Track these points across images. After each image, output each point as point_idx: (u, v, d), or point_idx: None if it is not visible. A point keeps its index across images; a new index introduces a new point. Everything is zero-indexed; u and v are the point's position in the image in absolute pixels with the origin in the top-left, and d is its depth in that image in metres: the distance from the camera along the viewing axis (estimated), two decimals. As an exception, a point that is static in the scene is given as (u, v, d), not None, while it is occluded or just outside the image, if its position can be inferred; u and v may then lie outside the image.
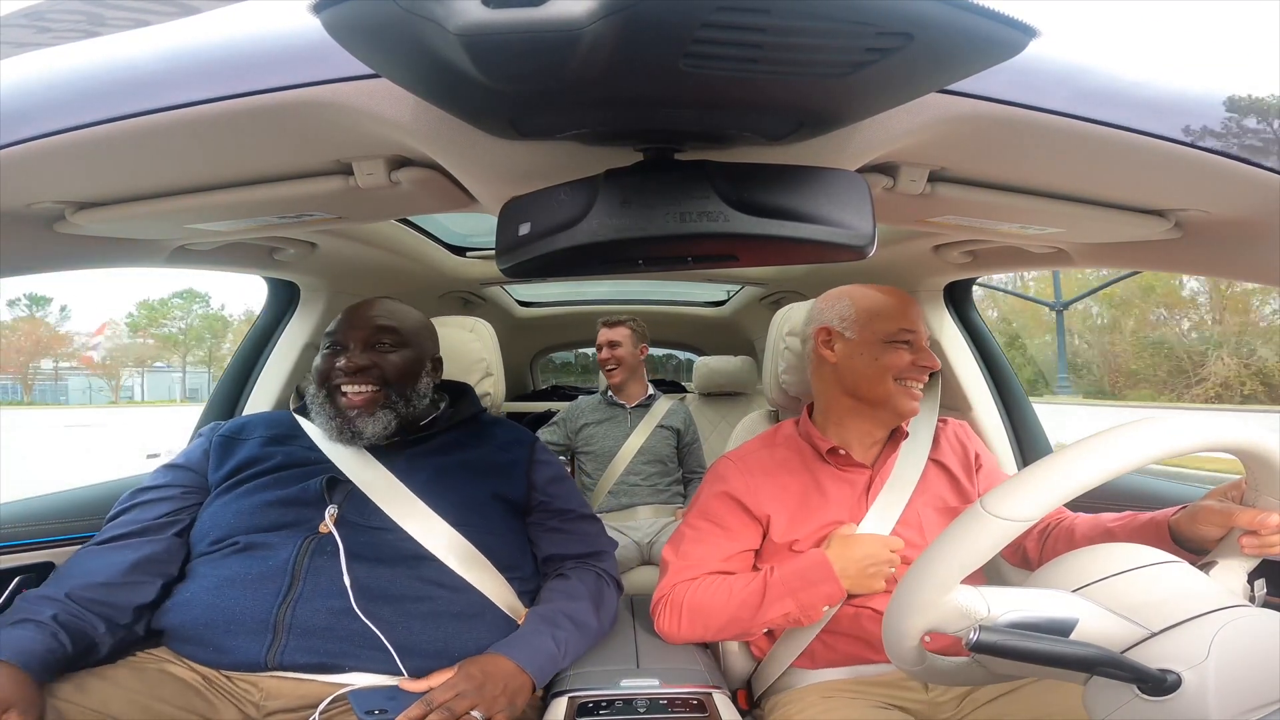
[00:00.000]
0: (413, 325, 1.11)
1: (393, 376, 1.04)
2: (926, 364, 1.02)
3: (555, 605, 0.98)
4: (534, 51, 0.41)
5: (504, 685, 0.83)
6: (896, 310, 1.04)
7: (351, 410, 1.01)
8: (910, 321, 1.03)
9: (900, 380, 1.02)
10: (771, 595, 0.94)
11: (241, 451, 1.05)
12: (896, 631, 0.62)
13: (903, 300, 1.06)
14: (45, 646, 0.79)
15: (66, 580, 0.89)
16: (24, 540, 1.09)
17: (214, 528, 0.96)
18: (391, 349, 1.05)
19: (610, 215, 0.59)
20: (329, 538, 0.93)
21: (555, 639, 0.92)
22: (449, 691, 0.80)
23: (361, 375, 1.02)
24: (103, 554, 0.93)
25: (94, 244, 1.01)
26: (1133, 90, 0.65)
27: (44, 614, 0.82)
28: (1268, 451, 0.62)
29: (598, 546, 1.11)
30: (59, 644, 0.80)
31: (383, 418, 1.02)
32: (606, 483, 2.11)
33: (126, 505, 1.00)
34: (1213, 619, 0.54)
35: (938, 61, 0.48)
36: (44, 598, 0.86)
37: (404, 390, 1.05)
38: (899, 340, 1.03)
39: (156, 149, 0.70)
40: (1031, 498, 0.57)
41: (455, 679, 0.83)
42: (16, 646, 0.76)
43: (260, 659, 0.85)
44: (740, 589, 0.97)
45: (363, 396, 1.02)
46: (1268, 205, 0.78)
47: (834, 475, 1.05)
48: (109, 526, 0.98)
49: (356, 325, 1.05)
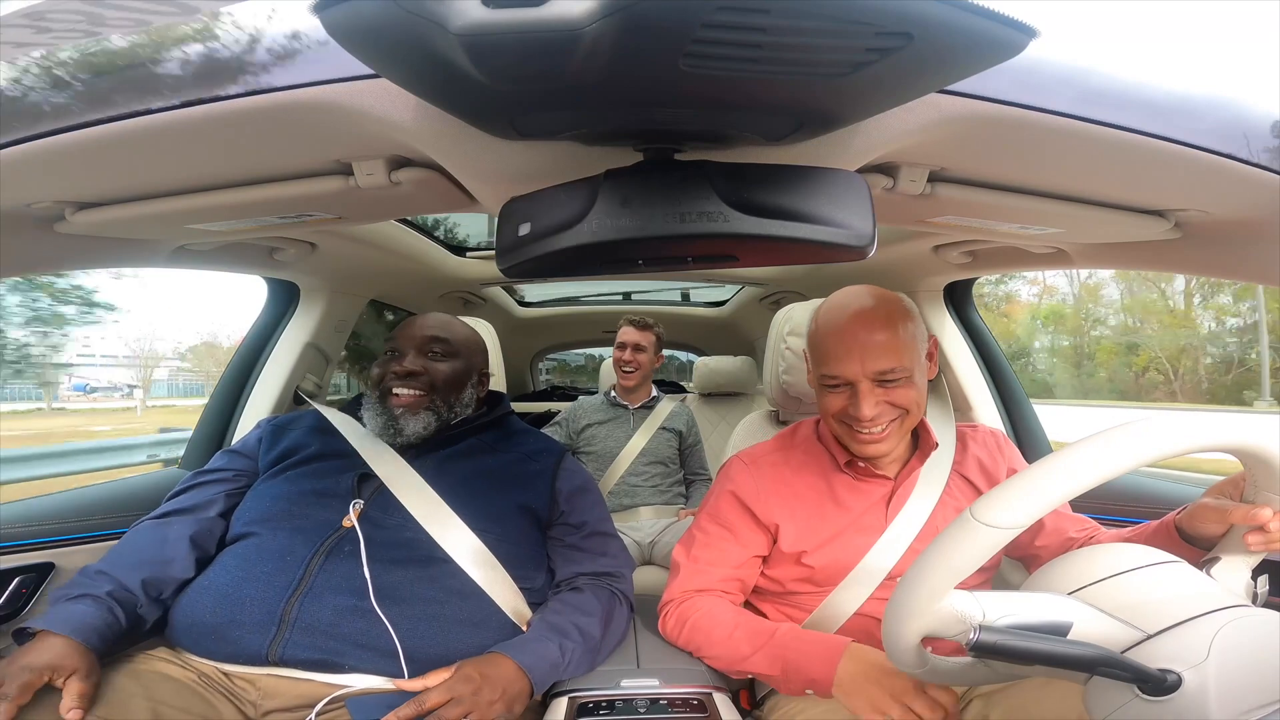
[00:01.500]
0: (463, 338, 1.18)
1: (440, 382, 1.11)
2: (856, 415, 0.90)
3: (566, 616, 0.97)
4: (534, 52, 0.41)
5: (502, 690, 0.83)
6: (828, 352, 0.93)
7: (398, 409, 1.08)
8: (842, 368, 0.91)
9: (843, 423, 0.95)
10: (767, 650, 0.89)
11: (287, 440, 1.12)
12: (895, 636, 0.62)
13: (848, 339, 0.91)
14: (103, 621, 0.84)
15: (119, 557, 0.94)
16: (24, 540, 1.09)
17: (249, 511, 1.02)
18: (442, 358, 1.13)
19: (610, 215, 0.59)
20: (350, 533, 0.95)
21: (562, 648, 0.92)
22: (443, 695, 0.80)
23: (412, 379, 1.09)
24: (153, 529, 0.99)
25: (94, 244, 1.01)
26: (1133, 90, 0.65)
27: (101, 589, 0.87)
28: (1265, 450, 0.62)
29: (615, 567, 1.10)
30: (114, 618, 0.85)
31: (425, 418, 1.08)
32: (608, 483, 2.11)
33: (187, 485, 1.08)
34: (1213, 619, 0.54)
35: (938, 62, 0.48)
36: (101, 573, 0.90)
37: (448, 397, 1.12)
38: (827, 385, 0.95)
39: (156, 149, 0.70)
40: (1020, 505, 0.55)
41: (452, 681, 0.82)
42: (76, 622, 0.81)
43: (261, 652, 0.85)
44: (743, 631, 0.92)
45: (411, 398, 1.08)
46: (1267, 205, 0.78)
47: (851, 485, 1.00)
48: (166, 504, 1.05)
49: (412, 334, 1.13)
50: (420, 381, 1.09)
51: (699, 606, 0.98)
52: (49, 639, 0.78)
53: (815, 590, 0.98)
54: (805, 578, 0.98)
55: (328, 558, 0.92)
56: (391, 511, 0.99)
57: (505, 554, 1.00)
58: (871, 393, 0.91)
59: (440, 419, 1.10)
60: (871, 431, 0.93)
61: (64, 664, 0.75)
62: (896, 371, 0.90)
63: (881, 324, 0.91)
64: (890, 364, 0.90)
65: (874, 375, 0.90)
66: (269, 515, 0.99)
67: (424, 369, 1.10)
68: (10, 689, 0.71)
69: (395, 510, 0.99)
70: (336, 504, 0.99)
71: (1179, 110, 0.66)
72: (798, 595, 1.00)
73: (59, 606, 0.84)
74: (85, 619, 0.82)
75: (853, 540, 0.97)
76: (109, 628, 0.83)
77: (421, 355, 1.11)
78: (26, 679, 0.73)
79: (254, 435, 1.16)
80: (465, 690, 0.81)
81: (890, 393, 0.91)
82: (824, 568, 0.97)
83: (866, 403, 0.90)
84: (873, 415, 0.91)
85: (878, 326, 0.90)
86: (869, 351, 0.90)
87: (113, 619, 0.85)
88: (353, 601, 0.88)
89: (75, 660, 0.77)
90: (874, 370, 0.90)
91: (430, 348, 1.12)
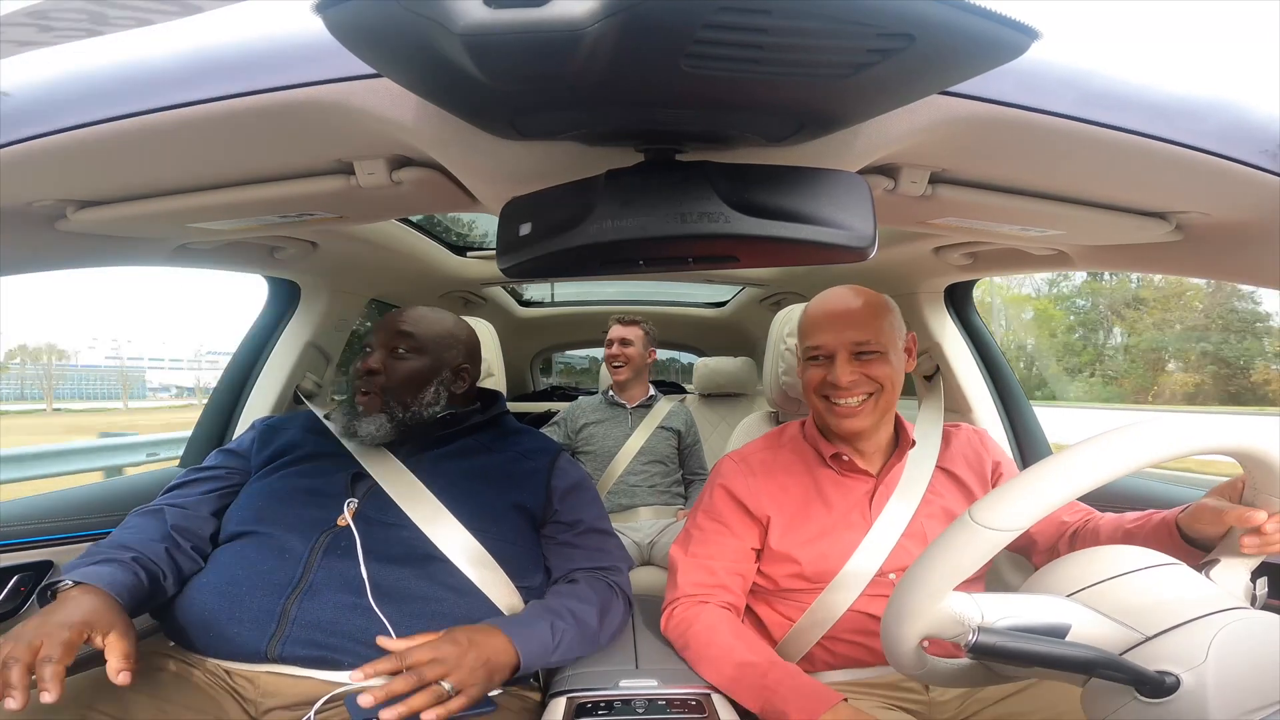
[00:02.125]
0: (434, 334, 1.12)
1: (394, 383, 1.07)
2: (834, 382, 0.98)
3: (561, 601, 0.98)
4: (536, 52, 0.42)
5: (487, 659, 0.83)
6: (813, 324, 1.02)
7: (359, 408, 1.06)
8: (821, 338, 1.00)
9: (823, 397, 1.01)
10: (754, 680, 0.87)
11: (281, 439, 1.11)
12: (893, 638, 0.62)
13: (830, 313, 1.01)
14: (133, 581, 0.83)
15: (125, 534, 0.94)
16: (24, 539, 1.09)
17: (243, 510, 1.01)
18: (404, 356, 1.09)
19: (611, 216, 0.59)
20: (345, 532, 0.95)
21: (553, 628, 0.92)
22: (428, 653, 0.79)
23: (369, 377, 1.07)
24: (146, 518, 0.99)
25: (95, 242, 1.01)
26: (1134, 92, 0.65)
27: (125, 555, 0.87)
28: (1264, 453, 0.62)
29: (612, 562, 1.09)
30: (139, 581, 0.84)
31: (377, 420, 1.05)
32: (607, 483, 2.11)
33: (179, 482, 1.07)
34: (1211, 621, 0.53)
35: (939, 63, 0.48)
36: (118, 544, 0.90)
37: (403, 397, 1.07)
38: (809, 357, 1.02)
39: (158, 148, 0.70)
40: (1019, 507, 0.56)
41: (437, 641, 0.82)
42: (108, 579, 0.79)
43: (261, 649, 0.85)
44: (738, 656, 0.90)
45: (366, 398, 1.06)
46: (1268, 208, 0.78)
47: (836, 481, 1.04)
48: (157, 500, 1.04)
49: (381, 329, 1.11)
50: (374, 381, 1.06)
51: (701, 619, 0.97)
52: (80, 595, 0.74)
53: (809, 588, 0.99)
54: (796, 574, 0.99)
55: (325, 555, 0.92)
56: (386, 510, 0.99)
57: (502, 554, 1.00)
58: (849, 362, 0.98)
59: (395, 421, 1.05)
60: (848, 403, 0.99)
61: (101, 619, 0.70)
62: (872, 344, 0.98)
63: (860, 305, 1.01)
64: (866, 336, 0.98)
65: (850, 345, 0.98)
66: (264, 514, 0.99)
67: (382, 366, 1.07)
68: (53, 650, 0.65)
69: (390, 509, 0.99)
70: (330, 503, 0.99)
71: (1180, 112, 0.66)
72: (792, 593, 1.01)
73: (81, 569, 0.80)
74: (115, 576, 0.80)
75: (840, 537, 0.99)
76: (135, 590, 0.82)
77: (386, 352, 1.08)
78: (66, 636, 0.66)
79: (247, 435, 1.16)
80: (450, 652, 0.80)
81: (867, 366, 0.98)
82: (813, 564, 0.98)
83: (843, 370, 0.97)
84: (849, 382, 0.97)
85: (856, 305, 1.01)
86: (847, 322, 0.99)
87: (138, 582, 0.83)
88: (353, 599, 0.88)
89: (113, 615, 0.72)
90: (850, 340, 0.98)
91: (395, 344, 1.08)
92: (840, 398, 0.99)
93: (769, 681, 0.85)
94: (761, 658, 0.90)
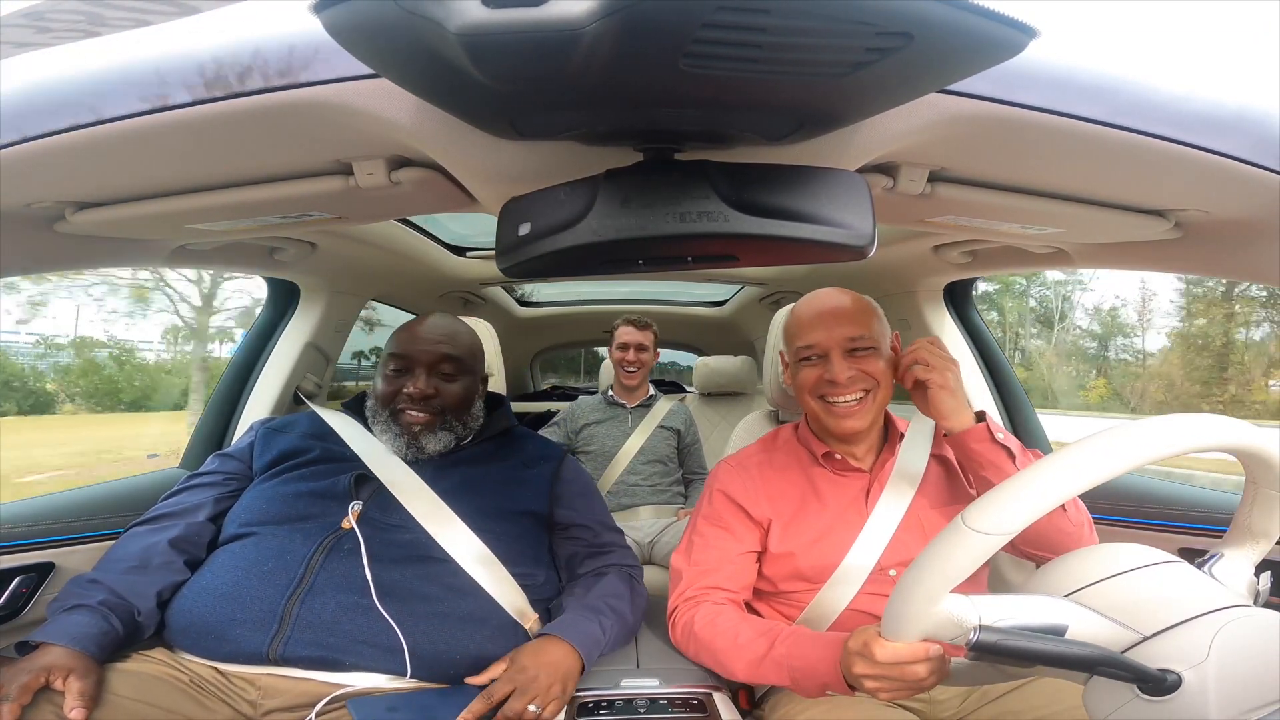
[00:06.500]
0: (470, 350, 1.17)
1: (451, 404, 1.11)
2: (831, 379, 0.98)
3: (598, 597, 1.01)
4: (534, 52, 0.41)
5: (560, 673, 0.87)
6: (803, 325, 1.02)
7: (415, 427, 1.08)
8: (815, 336, 1.00)
9: (820, 397, 1.01)
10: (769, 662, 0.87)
11: (283, 443, 1.12)
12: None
13: (821, 312, 1.02)
14: (99, 629, 0.84)
15: (110, 564, 0.95)
16: (24, 540, 1.09)
17: (245, 512, 1.02)
18: (453, 377, 1.12)
19: (610, 215, 0.59)
20: (349, 534, 0.95)
21: (601, 625, 0.97)
22: (507, 686, 0.83)
23: (425, 403, 1.09)
24: (143, 536, 0.99)
25: (94, 244, 1.01)
26: (1133, 90, 0.65)
27: (93, 599, 0.88)
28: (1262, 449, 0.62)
29: (625, 558, 1.14)
30: (110, 626, 0.86)
31: (443, 436, 1.09)
32: (606, 482, 2.11)
33: (178, 489, 1.08)
34: (1213, 619, 0.53)
35: (938, 61, 0.48)
36: (92, 582, 0.91)
37: (461, 415, 1.12)
38: (802, 358, 1.02)
39: (156, 149, 0.70)
40: (1012, 510, 0.55)
41: (511, 672, 0.86)
42: (72, 632, 0.82)
43: (262, 650, 0.85)
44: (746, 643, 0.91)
45: (425, 419, 1.08)
46: (1268, 205, 0.78)
47: (831, 480, 1.04)
48: (156, 507, 1.05)
49: (420, 350, 1.11)
50: (433, 405, 1.09)
51: (699, 615, 0.97)
52: (47, 648, 0.80)
53: (807, 587, 0.99)
54: (795, 574, 0.99)
55: (328, 556, 0.93)
56: (390, 512, 1.00)
57: (505, 552, 1.01)
58: (844, 358, 0.99)
59: (456, 436, 1.11)
60: (847, 401, 0.99)
61: (59, 664, 0.77)
62: (864, 339, 0.99)
63: (850, 302, 1.03)
64: (858, 330, 0.99)
65: (844, 341, 0.99)
66: (266, 516, 0.99)
67: (436, 390, 1.09)
68: (11, 690, 0.74)
69: (394, 511, 1.00)
70: (334, 505, 1.00)
71: (1179, 110, 0.66)
72: (791, 594, 1.01)
73: (55, 620, 0.85)
74: (81, 628, 0.83)
75: (838, 535, 0.99)
76: (105, 635, 0.84)
77: (433, 375, 1.10)
78: (25, 680, 0.75)
79: (246, 439, 1.16)
80: (524, 680, 0.84)
81: (861, 362, 0.99)
82: (812, 564, 0.98)
83: (840, 366, 0.98)
84: (847, 378, 0.98)
85: (846, 302, 1.03)
86: (839, 319, 1.00)
87: (108, 626, 0.85)
88: (355, 599, 0.89)
89: (71, 660, 0.78)
90: (844, 336, 0.99)
91: (441, 368, 1.11)
92: (838, 396, 0.99)
93: (785, 656, 0.86)
94: (761, 640, 0.89)
